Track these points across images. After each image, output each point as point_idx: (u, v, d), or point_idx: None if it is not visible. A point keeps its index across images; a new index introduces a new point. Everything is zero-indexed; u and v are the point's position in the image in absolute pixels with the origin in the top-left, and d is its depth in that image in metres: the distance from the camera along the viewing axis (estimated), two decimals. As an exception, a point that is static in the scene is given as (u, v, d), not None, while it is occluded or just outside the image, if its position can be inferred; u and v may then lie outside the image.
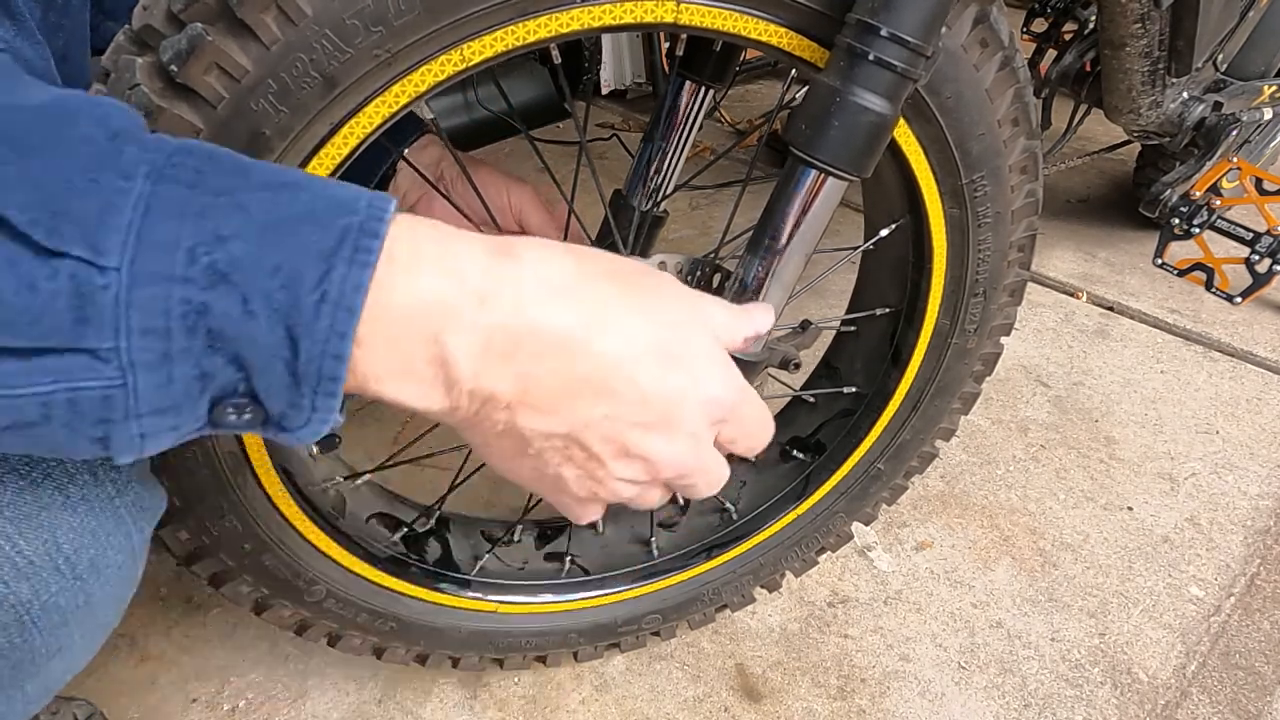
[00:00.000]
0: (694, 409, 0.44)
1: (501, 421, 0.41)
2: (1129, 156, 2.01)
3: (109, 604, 0.47)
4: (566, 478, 0.44)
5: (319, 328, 0.34)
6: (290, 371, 0.35)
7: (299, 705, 0.98)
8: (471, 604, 0.87)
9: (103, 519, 0.45)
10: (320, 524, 0.73)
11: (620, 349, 0.41)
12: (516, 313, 0.38)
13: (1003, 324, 0.88)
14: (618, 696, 1.00)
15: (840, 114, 0.58)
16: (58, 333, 0.31)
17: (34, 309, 0.30)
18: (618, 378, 0.41)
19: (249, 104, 0.51)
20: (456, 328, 0.37)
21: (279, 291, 0.33)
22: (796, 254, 0.65)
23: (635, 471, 0.44)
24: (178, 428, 0.36)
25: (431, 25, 0.52)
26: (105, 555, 0.45)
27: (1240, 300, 1.45)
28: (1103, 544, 1.20)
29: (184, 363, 0.33)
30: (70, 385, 0.32)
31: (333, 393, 0.36)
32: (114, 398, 0.33)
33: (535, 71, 2.31)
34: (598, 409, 0.41)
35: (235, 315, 0.33)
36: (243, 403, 0.36)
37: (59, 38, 0.58)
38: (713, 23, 0.60)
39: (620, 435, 0.43)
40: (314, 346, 0.34)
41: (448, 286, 0.37)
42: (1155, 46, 1.21)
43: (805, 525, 0.98)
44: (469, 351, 0.38)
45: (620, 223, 0.88)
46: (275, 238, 0.33)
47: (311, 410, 0.36)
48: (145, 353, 0.32)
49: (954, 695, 1.01)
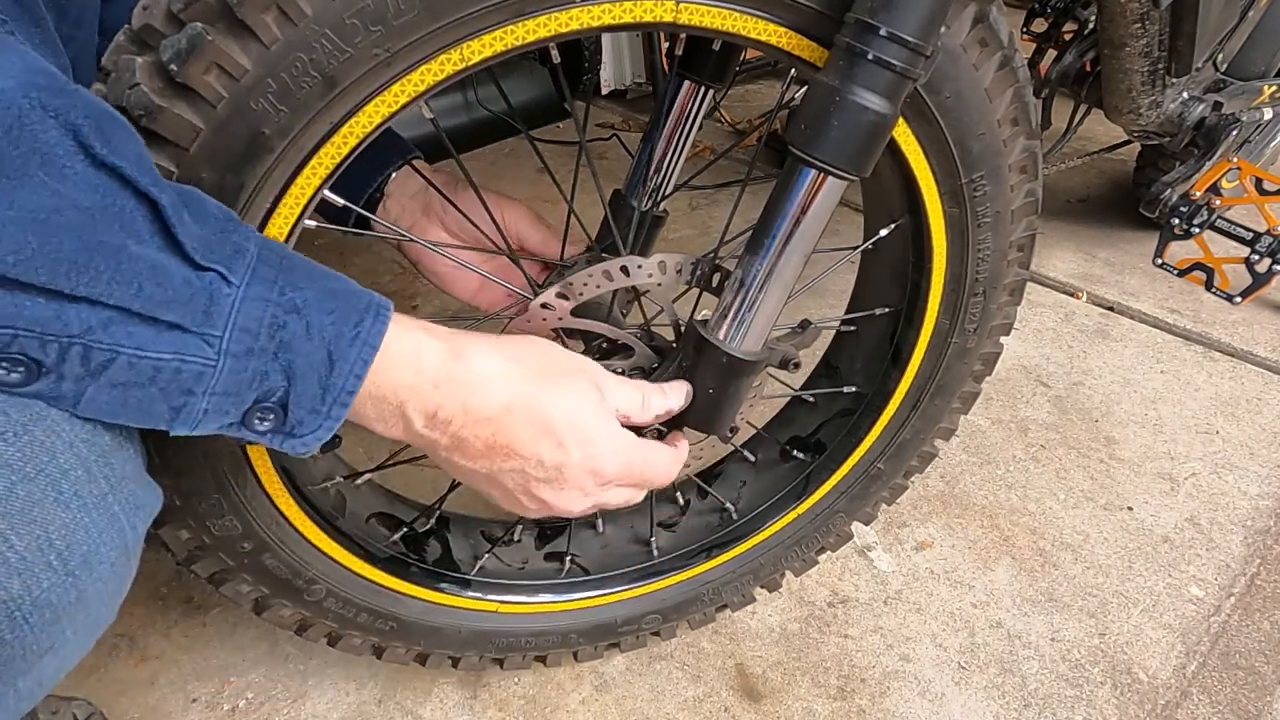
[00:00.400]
0: (579, 474, 0.61)
1: (443, 457, 0.59)
2: (1129, 156, 2.01)
3: (102, 601, 0.48)
4: (495, 495, 0.63)
5: (350, 354, 0.50)
6: (322, 385, 0.49)
7: (299, 705, 0.98)
8: (471, 604, 0.87)
9: (95, 516, 0.46)
10: (320, 524, 0.73)
11: (524, 429, 0.58)
12: (455, 398, 0.56)
13: (1002, 323, 0.88)
14: (618, 696, 1.00)
15: (840, 113, 0.58)
16: (191, 317, 0.44)
17: (182, 298, 0.43)
18: (523, 448, 0.58)
19: (249, 103, 0.51)
20: (415, 403, 0.55)
21: (329, 327, 0.49)
22: (796, 254, 0.65)
23: (539, 505, 0.63)
24: (225, 413, 0.47)
25: (431, 25, 0.52)
26: (98, 552, 0.46)
27: (1240, 300, 1.45)
28: (1103, 544, 1.20)
29: (258, 359, 0.46)
30: (182, 356, 0.44)
31: (346, 404, 0.50)
32: (205, 374, 0.45)
33: (535, 71, 2.31)
34: (507, 465, 0.59)
35: (300, 335, 0.48)
36: (270, 409, 0.48)
37: (70, 49, 0.59)
38: (712, 22, 0.60)
39: (524, 484, 0.61)
40: (345, 366, 0.49)
41: (415, 378, 0.54)
42: (1155, 46, 1.21)
43: (805, 525, 0.98)
44: (421, 417, 0.55)
45: (620, 223, 0.88)
46: (329, 296, 0.49)
47: (325, 417, 0.50)
48: (238, 344, 0.45)
49: (954, 695, 1.01)
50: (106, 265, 0.41)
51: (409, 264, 0.94)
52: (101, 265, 0.41)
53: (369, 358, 0.50)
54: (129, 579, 0.51)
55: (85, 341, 0.41)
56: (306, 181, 0.56)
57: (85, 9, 0.62)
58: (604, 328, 0.75)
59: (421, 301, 1.66)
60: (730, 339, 0.68)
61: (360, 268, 1.76)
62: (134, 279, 0.42)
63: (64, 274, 0.40)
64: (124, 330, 0.42)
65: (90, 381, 0.42)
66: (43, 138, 0.40)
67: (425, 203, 0.88)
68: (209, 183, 0.52)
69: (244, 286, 0.46)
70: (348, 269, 1.91)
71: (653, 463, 0.66)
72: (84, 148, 0.42)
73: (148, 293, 0.42)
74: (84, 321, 0.41)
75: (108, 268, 0.41)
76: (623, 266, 0.72)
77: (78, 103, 0.42)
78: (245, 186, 0.53)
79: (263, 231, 0.56)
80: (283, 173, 0.54)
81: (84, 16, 0.62)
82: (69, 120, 0.41)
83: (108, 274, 0.41)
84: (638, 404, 0.66)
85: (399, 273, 1.73)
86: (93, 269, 0.41)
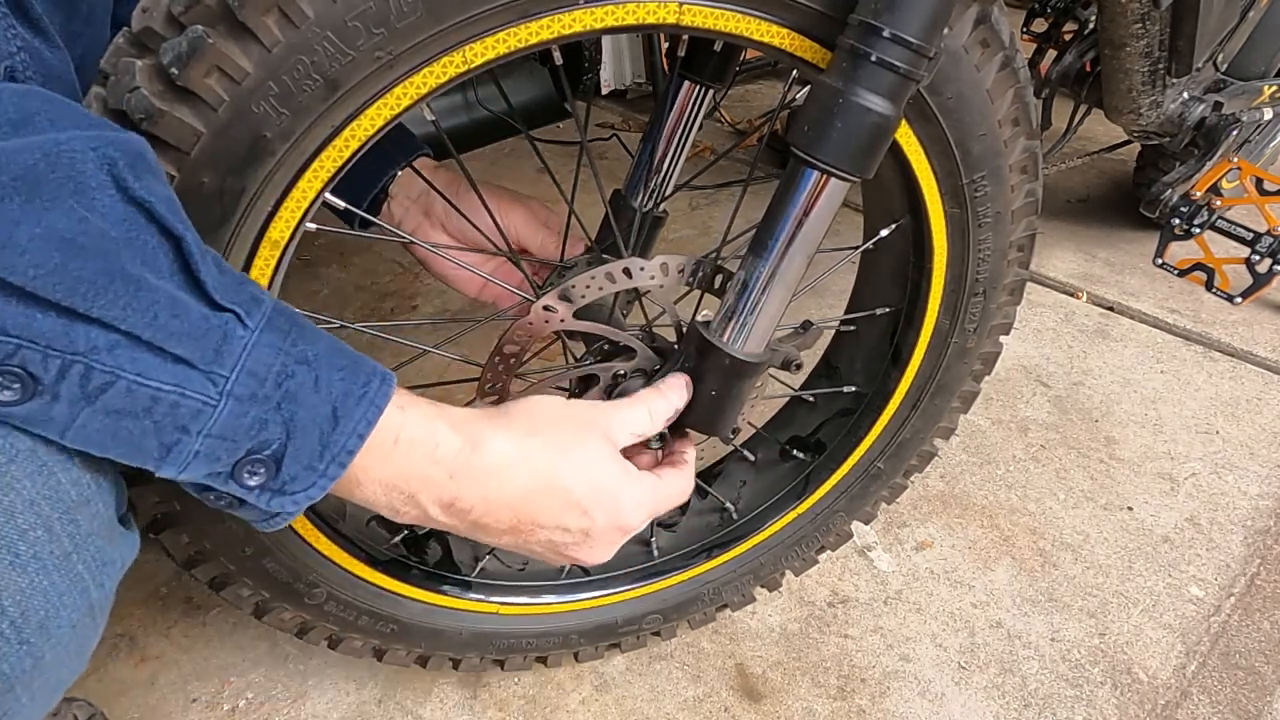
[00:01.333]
0: (606, 534, 0.62)
1: (465, 532, 0.59)
2: (1129, 156, 2.01)
3: (63, 663, 0.46)
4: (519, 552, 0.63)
5: (356, 413, 0.49)
6: (323, 441, 0.48)
7: (299, 705, 0.98)
8: (473, 605, 0.87)
9: (56, 578, 0.44)
10: (321, 527, 0.73)
11: (550, 507, 0.59)
12: (473, 489, 0.56)
13: (1002, 323, 0.88)
14: (618, 696, 1.00)
15: (843, 115, 0.58)
16: (201, 355, 0.43)
17: (196, 333, 0.43)
18: (549, 522, 0.59)
19: (250, 106, 0.50)
20: (429, 493, 0.55)
21: (339, 383, 0.48)
22: (799, 255, 0.65)
23: (571, 562, 0.64)
24: (217, 459, 0.46)
25: (434, 27, 0.52)
26: (58, 615, 0.44)
27: (1240, 300, 1.46)
28: (1103, 544, 1.20)
29: (260, 406, 0.46)
30: (182, 390, 0.43)
31: (344, 464, 0.49)
32: (203, 413, 0.44)
33: (535, 71, 2.31)
34: (534, 538, 0.60)
35: (307, 387, 0.47)
36: (263, 461, 0.47)
37: (78, 45, 0.58)
38: (715, 24, 0.60)
39: (552, 549, 0.62)
40: (348, 424, 0.49)
41: (429, 468, 0.54)
42: (1155, 46, 1.21)
43: (805, 524, 0.98)
44: (436, 506, 0.55)
45: (620, 223, 0.87)
46: (340, 354, 0.50)
47: (321, 475, 0.49)
48: (242, 388, 0.45)
49: (954, 695, 1.01)
50: (125, 290, 0.41)
51: (409, 264, 0.94)
52: (120, 290, 0.41)
53: (374, 419, 0.50)
54: (94, 639, 0.49)
55: (88, 361, 0.41)
56: (308, 185, 0.55)
57: (95, 5, 0.62)
58: (606, 330, 0.75)
59: (421, 302, 1.66)
60: (733, 341, 0.68)
61: (360, 268, 1.76)
62: (151, 307, 0.42)
63: (81, 294, 0.40)
64: (129, 355, 0.42)
65: (85, 405, 0.42)
66: (79, 167, 0.41)
67: (428, 204, 0.88)
68: (210, 186, 0.52)
69: (259, 331, 0.46)
70: (348, 269, 1.92)
71: (672, 496, 0.67)
72: (117, 181, 0.42)
73: (162, 322, 0.42)
74: (91, 341, 0.41)
75: (126, 293, 0.41)
76: (625, 268, 0.72)
77: (116, 140, 0.43)
78: (247, 190, 0.53)
79: (264, 234, 0.56)
80: (284, 176, 0.54)
81: (94, 14, 0.61)
82: (106, 154, 0.42)
83: (125, 299, 0.41)
84: (645, 420, 0.66)
85: (399, 273, 1.73)
86: (111, 292, 0.40)
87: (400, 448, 0.52)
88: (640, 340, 0.76)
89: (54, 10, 0.56)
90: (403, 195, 0.88)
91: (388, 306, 1.66)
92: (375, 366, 0.51)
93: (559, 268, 0.87)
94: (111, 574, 0.49)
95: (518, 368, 0.75)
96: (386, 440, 0.52)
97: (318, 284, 1.72)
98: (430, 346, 0.81)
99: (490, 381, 0.75)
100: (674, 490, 0.67)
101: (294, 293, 1.65)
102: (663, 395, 0.68)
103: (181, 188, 0.51)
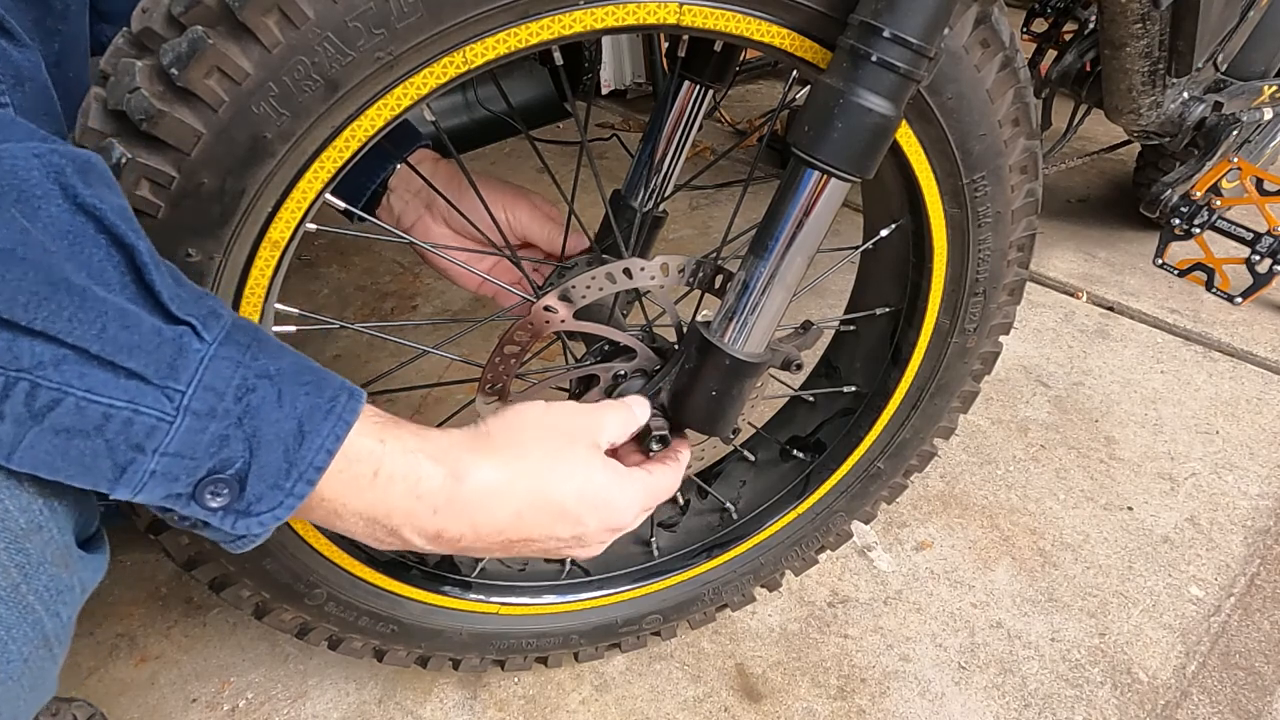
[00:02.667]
0: (599, 535, 0.62)
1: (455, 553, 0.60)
2: (1129, 156, 2.01)
3: (18, 697, 0.45)
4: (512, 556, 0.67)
5: (324, 428, 0.47)
6: (289, 459, 0.46)
7: (299, 705, 0.98)
8: (473, 606, 0.87)
9: (4, 611, 0.42)
10: (320, 527, 0.73)
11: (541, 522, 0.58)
12: (460, 520, 0.54)
13: (1002, 323, 0.88)
14: (618, 696, 1.00)
15: (843, 115, 0.58)
16: (155, 369, 0.41)
17: (148, 346, 0.41)
18: (541, 535, 0.59)
19: (250, 107, 0.50)
20: (412, 527, 0.53)
21: (304, 398, 0.46)
22: (799, 255, 0.65)
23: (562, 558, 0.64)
24: (175, 479, 0.43)
25: (435, 28, 0.52)
26: (5, 650, 0.43)
27: (1241, 300, 1.46)
28: (1103, 544, 1.20)
29: (220, 422, 0.43)
30: (135, 406, 0.41)
31: (312, 481, 0.47)
32: (158, 429, 0.42)
33: (535, 71, 2.31)
34: (528, 550, 0.60)
35: (270, 402, 0.45)
36: (226, 482, 0.45)
37: (55, 42, 0.57)
38: (715, 24, 0.60)
39: (545, 553, 0.62)
40: (315, 440, 0.46)
41: (412, 503, 0.52)
42: (1155, 46, 1.20)
43: (805, 524, 0.98)
44: (420, 538, 0.54)
45: (620, 223, 0.87)
46: (305, 370, 0.47)
47: (288, 494, 0.46)
48: (200, 403, 0.43)
49: (954, 695, 1.01)
50: (69, 302, 0.39)
51: (409, 264, 0.94)
52: (64, 301, 0.39)
53: (342, 434, 0.47)
54: (55, 665, 0.48)
55: (34, 378, 0.39)
56: (309, 185, 0.55)
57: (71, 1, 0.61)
58: (607, 331, 0.75)
59: (421, 301, 1.66)
60: (734, 341, 0.68)
61: (360, 267, 1.76)
62: (98, 319, 0.40)
63: (22, 305, 0.38)
64: (77, 371, 0.40)
65: (32, 426, 0.39)
66: (23, 175, 0.39)
67: (430, 197, 0.87)
68: (210, 187, 0.52)
69: (216, 344, 0.43)
70: (348, 269, 1.92)
71: (662, 490, 0.67)
72: (65, 189, 0.41)
73: (111, 334, 0.40)
74: (36, 356, 0.39)
75: (70, 304, 0.39)
76: (626, 269, 0.72)
77: (65, 150, 0.41)
78: (247, 191, 0.53)
79: (265, 235, 0.56)
80: (285, 177, 0.54)
81: (70, 9, 0.60)
82: (52, 162, 0.41)
83: (69, 310, 0.39)
84: (630, 418, 0.66)
85: (399, 273, 1.73)
86: (54, 303, 0.38)
87: (380, 481, 0.51)
88: (641, 341, 0.76)
89: (25, 8, 0.54)
90: (403, 188, 0.87)
91: (388, 306, 1.66)
92: (343, 382, 0.49)
93: (559, 268, 0.87)
94: (69, 601, 0.47)
95: (518, 368, 0.75)
96: (365, 473, 0.50)
97: (318, 284, 1.72)
98: (430, 347, 0.81)
99: (490, 381, 0.75)
100: (664, 485, 0.67)
101: (294, 293, 1.66)
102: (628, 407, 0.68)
103: (181, 189, 0.51)
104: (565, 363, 0.95)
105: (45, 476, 0.41)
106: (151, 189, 0.51)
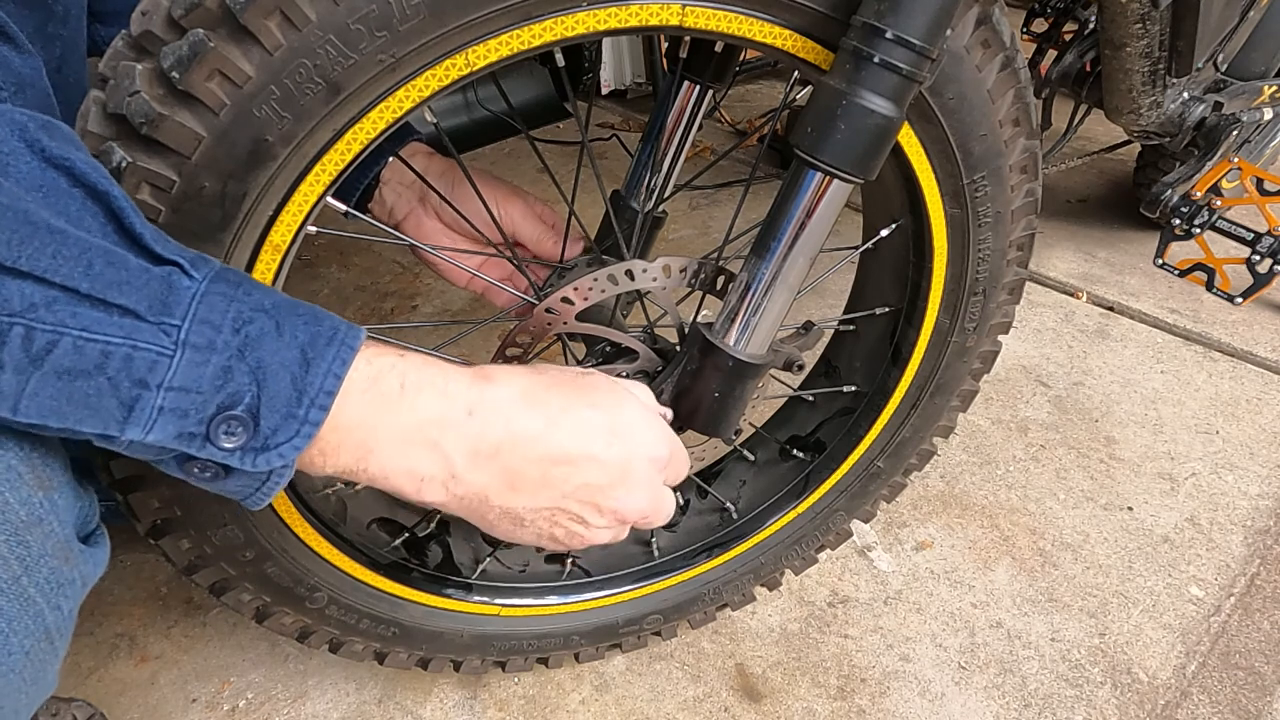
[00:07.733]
0: (642, 464, 0.58)
1: (497, 508, 0.55)
2: (1129, 156, 2.01)
3: (20, 690, 0.45)
4: (558, 535, 0.58)
5: (328, 353, 0.46)
6: (297, 386, 0.45)
7: (299, 705, 0.98)
8: (474, 608, 0.87)
9: (3, 603, 0.42)
10: (321, 530, 0.73)
11: (577, 434, 0.55)
12: (496, 420, 0.52)
13: (1002, 322, 0.88)
14: (618, 696, 1.00)
15: (846, 117, 0.58)
16: (147, 304, 0.41)
17: (137, 283, 0.41)
18: (580, 456, 0.55)
19: (251, 110, 0.50)
20: (452, 438, 0.51)
21: (302, 328, 0.46)
22: (802, 256, 0.65)
23: (609, 520, 0.59)
24: (185, 416, 0.43)
25: (437, 30, 0.52)
26: (7, 644, 0.43)
27: (1241, 301, 1.46)
28: (1103, 544, 1.20)
29: (221, 354, 0.43)
30: (133, 342, 0.41)
31: (325, 406, 0.46)
32: (159, 364, 0.41)
33: (535, 72, 2.30)
34: (571, 482, 0.55)
35: (269, 333, 0.44)
36: (239, 419, 0.44)
37: (55, 47, 0.57)
38: (718, 25, 0.60)
39: (593, 497, 0.57)
40: (322, 365, 0.45)
41: (444, 404, 0.50)
42: (1155, 47, 1.20)
43: (805, 524, 0.98)
44: (461, 450, 0.51)
45: (620, 223, 0.87)
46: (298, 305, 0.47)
47: (303, 421, 0.45)
48: (198, 336, 0.42)
49: (954, 695, 1.01)
50: (51, 240, 0.39)
51: (409, 264, 0.93)
52: (46, 239, 0.38)
53: (347, 358, 0.46)
54: (56, 659, 0.48)
55: (27, 321, 0.38)
56: (310, 188, 0.55)
57: (70, 5, 0.61)
58: (609, 332, 0.75)
59: (422, 301, 1.66)
60: (736, 342, 0.68)
61: (360, 267, 1.76)
62: (84, 256, 0.39)
63: (4, 243, 0.37)
64: (69, 310, 0.39)
65: (33, 371, 0.39)
66: None
67: (423, 190, 0.86)
68: (211, 191, 0.52)
69: (206, 282, 0.43)
70: (348, 269, 1.92)
71: (681, 450, 0.64)
72: (30, 145, 0.41)
73: (98, 271, 0.40)
74: (26, 298, 0.38)
75: (53, 242, 0.39)
76: (628, 270, 0.72)
77: (25, 111, 0.41)
78: (248, 194, 0.53)
79: (266, 238, 0.56)
80: (286, 180, 0.54)
81: (70, 13, 0.60)
82: (14, 119, 0.40)
83: (52, 248, 0.39)
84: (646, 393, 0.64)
85: (399, 272, 1.73)
86: (37, 241, 0.38)
87: (408, 393, 0.49)
88: (642, 342, 0.76)
89: (27, 14, 0.55)
90: (395, 181, 0.86)
91: (388, 306, 1.65)
92: (340, 319, 0.48)
93: (558, 269, 0.87)
94: (70, 594, 0.46)
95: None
96: (393, 388, 0.49)
97: (318, 284, 1.72)
98: (430, 348, 0.81)
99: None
100: (679, 445, 0.64)
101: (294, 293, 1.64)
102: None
103: (182, 192, 0.51)
104: (566, 364, 0.95)
105: (54, 426, 0.41)
106: (152, 193, 0.51)
